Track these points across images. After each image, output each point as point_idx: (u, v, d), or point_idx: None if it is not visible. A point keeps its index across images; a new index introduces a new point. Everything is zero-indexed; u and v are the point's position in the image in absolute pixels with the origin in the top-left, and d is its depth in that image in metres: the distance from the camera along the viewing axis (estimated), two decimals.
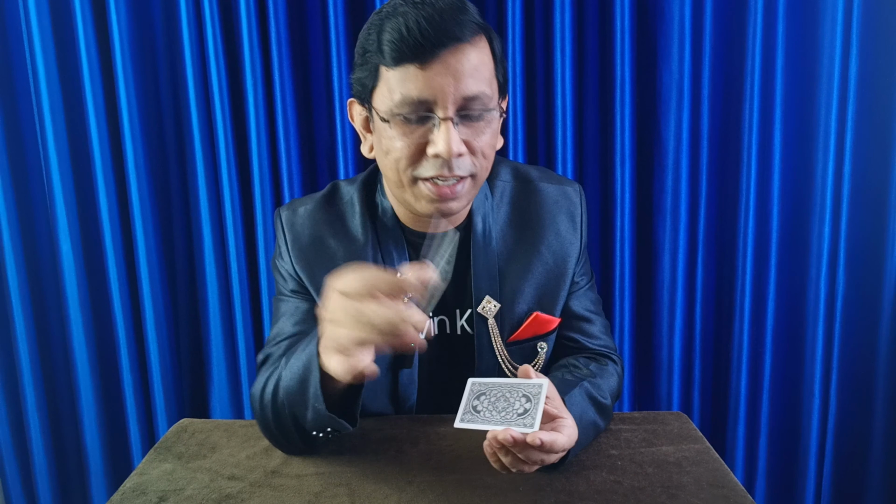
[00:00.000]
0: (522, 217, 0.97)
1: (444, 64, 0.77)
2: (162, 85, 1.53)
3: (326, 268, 0.91)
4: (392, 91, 0.79)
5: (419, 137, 0.80)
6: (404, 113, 0.79)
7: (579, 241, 0.98)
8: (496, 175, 0.99)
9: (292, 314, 0.95)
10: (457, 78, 0.78)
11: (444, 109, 0.78)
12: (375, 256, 0.92)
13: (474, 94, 0.79)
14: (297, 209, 0.97)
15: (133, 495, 0.75)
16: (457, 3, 0.79)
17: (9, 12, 1.49)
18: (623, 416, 0.92)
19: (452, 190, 0.82)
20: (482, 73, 0.80)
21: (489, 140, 0.83)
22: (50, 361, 1.64)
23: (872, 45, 1.33)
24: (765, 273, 1.47)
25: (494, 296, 0.93)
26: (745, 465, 1.56)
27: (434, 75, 0.77)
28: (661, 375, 1.57)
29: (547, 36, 1.46)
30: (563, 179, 1.02)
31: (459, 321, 0.95)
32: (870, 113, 1.36)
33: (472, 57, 0.79)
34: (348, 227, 0.95)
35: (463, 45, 0.78)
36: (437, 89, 0.77)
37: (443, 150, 0.78)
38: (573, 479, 0.75)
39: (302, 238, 0.95)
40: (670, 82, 1.45)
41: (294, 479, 0.77)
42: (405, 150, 0.81)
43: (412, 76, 0.78)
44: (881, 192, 1.39)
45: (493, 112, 0.83)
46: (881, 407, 1.44)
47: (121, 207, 1.54)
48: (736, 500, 0.71)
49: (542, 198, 0.98)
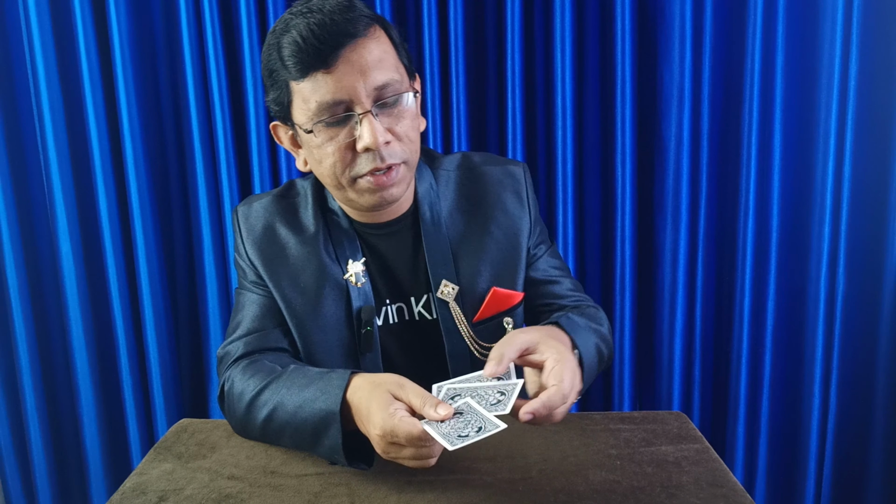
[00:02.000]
0: (469, 201, 0.99)
1: (347, 62, 0.81)
2: (162, 85, 1.53)
3: (279, 256, 0.95)
4: (307, 101, 0.83)
5: (345, 137, 0.84)
6: (325, 119, 0.82)
7: (528, 216, 1.00)
8: (440, 165, 1.02)
9: (251, 308, 0.97)
10: (363, 72, 0.81)
11: (361, 104, 0.82)
12: (327, 247, 0.95)
13: (384, 82, 0.83)
14: (252, 204, 1.01)
15: (133, 495, 0.75)
16: (343, 3, 0.82)
17: (9, 12, 1.50)
18: (623, 416, 0.92)
19: (389, 176, 0.86)
20: (386, 61, 0.84)
21: (410, 123, 0.87)
22: (50, 361, 1.64)
23: (872, 45, 1.33)
24: (765, 273, 1.47)
25: (451, 279, 0.95)
26: (745, 465, 1.56)
27: (341, 75, 0.81)
28: (661, 375, 1.57)
29: (547, 36, 1.46)
30: (507, 160, 1.05)
31: (416, 307, 0.98)
32: (870, 113, 1.35)
33: (372, 48, 0.82)
34: (300, 219, 0.98)
35: (360, 39, 0.82)
36: (348, 87, 0.81)
37: (370, 142, 0.81)
38: (573, 479, 0.75)
39: (255, 230, 0.98)
40: (670, 82, 1.45)
41: (294, 479, 0.77)
42: (337, 153, 0.84)
43: (321, 82, 0.81)
44: (881, 192, 1.39)
45: (408, 94, 0.86)
46: (881, 407, 1.44)
47: (121, 207, 1.54)
48: (735, 500, 0.71)
49: (486, 180, 1.00)
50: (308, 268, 0.94)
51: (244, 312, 0.97)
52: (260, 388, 0.85)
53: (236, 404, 0.87)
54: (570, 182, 1.49)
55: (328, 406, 0.76)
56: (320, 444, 0.78)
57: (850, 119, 1.34)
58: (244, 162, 1.53)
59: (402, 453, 0.70)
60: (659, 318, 1.56)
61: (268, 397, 0.83)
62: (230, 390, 0.89)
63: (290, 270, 0.95)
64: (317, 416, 0.77)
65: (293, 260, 0.95)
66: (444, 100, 1.49)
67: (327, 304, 0.93)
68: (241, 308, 0.98)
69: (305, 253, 0.95)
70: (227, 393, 0.90)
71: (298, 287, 0.94)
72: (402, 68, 0.87)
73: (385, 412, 0.69)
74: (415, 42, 1.49)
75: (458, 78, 1.45)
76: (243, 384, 0.87)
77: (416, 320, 0.98)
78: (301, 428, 0.79)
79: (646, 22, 1.46)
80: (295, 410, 0.80)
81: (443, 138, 1.50)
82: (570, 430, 0.86)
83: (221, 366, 0.95)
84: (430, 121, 1.48)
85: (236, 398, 0.87)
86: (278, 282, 0.94)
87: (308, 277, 0.94)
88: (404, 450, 0.69)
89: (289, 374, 0.84)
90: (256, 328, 0.95)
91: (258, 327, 0.95)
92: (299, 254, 0.95)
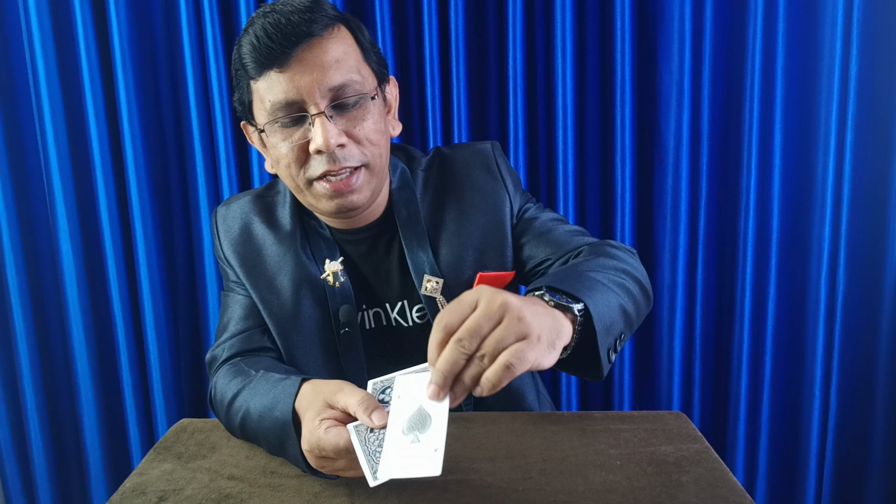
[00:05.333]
0: (443, 191, 0.96)
1: (300, 62, 0.79)
2: (162, 85, 1.53)
3: (257, 257, 0.94)
4: (263, 101, 0.82)
5: (300, 138, 0.82)
6: (279, 118, 0.81)
7: (503, 188, 0.96)
8: (418, 165, 0.99)
9: (235, 309, 0.97)
10: (318, 72, 0.80)
11: (315, 105, 0.80)
12: (304, 246, 0.94)
13: (340, 83, 0.81)
14: (230, 204, 1.00)
15: (133, 495, 0.75)
16: (306, 3, 0.81)
17: (9, 12, 1.49)
18: (623, 416, 0.92)
19: (347, 183, 0.83)
20: (346, 62, 0.82)
21: (373, 126, 0.84)
22: (50, 361, 1.64)
23: (872, 45, 1.33)
24: (765, 273, 1.47)
25: (434, 272, 0.92)
26: (745, 465, 1.56)
27: (294, 74, 0.79)
28: (661, 375, 1.57)
29: (547, 36, 1.46)
30: (475, 143, 1.02)
31: (392, 314, 0.96)
32: (870, 113, 1.35)
33: (330, 49, 0.81)
34: (277, 217, 0.97)
35: (316, 39, 0.80)
36: (300, 87, 0.79)
37: (321, 144, 0.79)
38: (573, 479, 0.75)
39: (233, 231, 0.97)
40: (670, 82, 1.45)
41: (294, 479, 0.77)
42: (290, 154, 0.83)
43: (274, 81, 0.80)
44: (881, 192, 1.39)
45: (370, 98, 0.84)
46: (881, 407, 1.44)
47: (121, 207, 1.54)
48: (735, 500, 0.71)
49: (454, 165, 0.98)
50: (285, 267, 0.93)
51: (229, 314, 0.97)
52: (234, 394, 0.84)
53: (219, 409, 0.88)
54: (571, 182, 1.48)
55: (282, 416, 0.74)
56: (286, 452, 0.76)
57: (850, 119, 1.34)
58: (244, 162, 1.53)
59: (336, 465, 0.67)
60: (659, 318, 1.56)
61: (239, 404, 0.83)
62: (214, 395, 0.90)
63: (267, 272, 0.94)
64: (276, 426, 0.75)
65: (270, 260, 0.94)
66: (445, 100, 1.49)
67: (305, 304, 0.92)
68: (227, 309, 0.98)
69: (282, 252, 0.94)
70: (213, 397, 0.90)
71: (275, 289, 0.93)
72: (366, 70, 0.85)
73: (311, 425, 0.67)
74: (415, 42, 1.49)
75: (459, 78, 1.45)
76: (223, 389, 0.87)
77: (392, 325, 0.97)
78: (268, 436, 0.77)
79: (645, 22, 1.46)
80: (259, 419, 0.78)
81: (443, 139, 1.50)
82: (570, 430, 0.86)
83: (210, 370, 0.96)
84: (430, 121, 1.48)
85: (218, 403, 0.88)
86: (255, 283, 0.94)
87: (285, 278, 0.93)
88: (336, 462, 0.66)
89: (256, 380, 0.82)
90: (241, 329, 0.95)
91: (242, 328, 0.95)
92: (276, 253, 0.94)
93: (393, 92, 0.94)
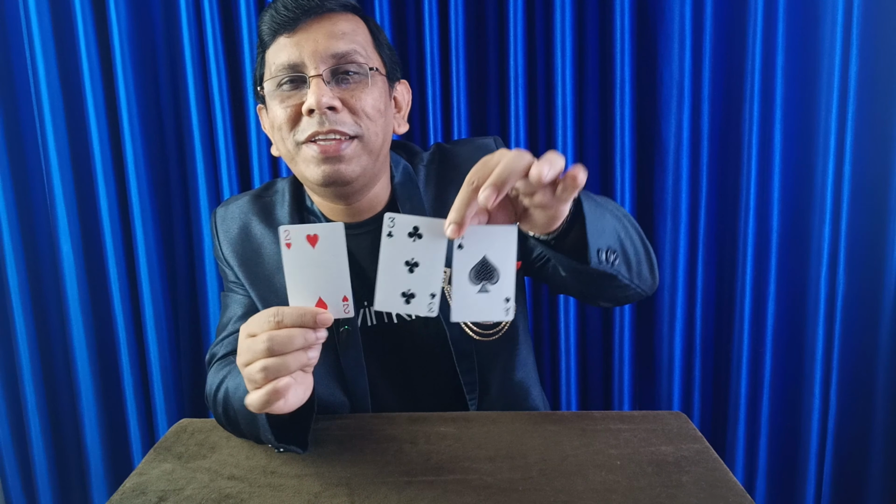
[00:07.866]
0: (443, 185, 0.98)
1: (308, 29, 0.84)
2: (162, 85, 1.53)
3: (256, 257, 0.95)
4: (269, 66, 0.86)
5: (296, 100, 0.85)
6: (279, 80, 0.85)
7: None
8: (420, 161, 1.01)
9: (234, 308, 0.97)
10: (323, 38, 0.84)
11: (314, 67, 0.83)
12: None
13: (344, 51, 0.84)
14: (229, 205, 1.01)
15: (133, 495, 0.75)
16: None
17: (9, 12, 1.49)
18: (623, 416, 0.92)
19: (336, 148, 0.84)
20: (353, 37, 0.86)
21: (372, 102, 0.86)
22: (50, 361, 1.64)
23: (872, 45, 1.33)
24: (765, 273, 1.47)
25: None
26: (745, 465, 1.56)
27: (300, 39, 0.84)
28: (661, 375, 1.57)
29: (547, 36, 1.46)
30: (477, 138, 1.04)
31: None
32: (870, 113, 1.35)
33: (339, 23, 0.85)
34: (275, 215, 0.98)
35: (328, 13, 0.85)
36: (303, 50, 0.83)
37: (312, 102, 0.81)
38: (572, 479, 0.75)
39: (231, 232, 0.98)
40: (670, 82, 1.45)
41: (294, 479, 0.77)
42: (283, 114, 0.85)
43: (282, 45, 0.85)
44: (881, 192, 1.39)
45: (373, 74, 0.86)
46: (881, 407, 1.44)
47: (121, 207, 1.54)
48: (735, 500, 0.71)
49: (456, 159, 1.00)
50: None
51: (229, 314, 0.98)
52: (219, 381, 0.86)
53: (210, 403, 0.90)
54: None
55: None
56: (258, 425, 0.77)
57: (850, 119, 1.34)
58: (244, 162, 1.53)
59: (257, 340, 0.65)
60: (659, 319, 1.56)
61: (223, 390, 0.85)
62: (207, 389, 0.91)
63: (266, 271, 0.94)
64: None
65: (269, 260, 0.95)
66: (445, 100, 1.49)
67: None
68: (226, 309, 0.99)
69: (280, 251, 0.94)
70: (206, 393, 0.92)
71: (275, 288, 0.93)
72: (375, 55, 0.88)
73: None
74: (415, 42, 1.49)
75: (459, 78, 1.45)
76: (211, 381, 0.89)
77: (395, 323, 0.97)
78: (246, 415, 0.78)
79: (645, 22, 1.46)
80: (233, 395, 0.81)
81: (443, 139, 1.50)
82: (570, 430, 0.86)
83: (208, 368, 0.96)
84: (430, 121, 1.48)
85: (209, 396, 0.90)
86: (254, 283, 0.95)
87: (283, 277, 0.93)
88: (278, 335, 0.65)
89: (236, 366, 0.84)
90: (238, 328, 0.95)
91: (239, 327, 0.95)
92: (275, 252, 0.94)
93: (405, 96, 0.97)
